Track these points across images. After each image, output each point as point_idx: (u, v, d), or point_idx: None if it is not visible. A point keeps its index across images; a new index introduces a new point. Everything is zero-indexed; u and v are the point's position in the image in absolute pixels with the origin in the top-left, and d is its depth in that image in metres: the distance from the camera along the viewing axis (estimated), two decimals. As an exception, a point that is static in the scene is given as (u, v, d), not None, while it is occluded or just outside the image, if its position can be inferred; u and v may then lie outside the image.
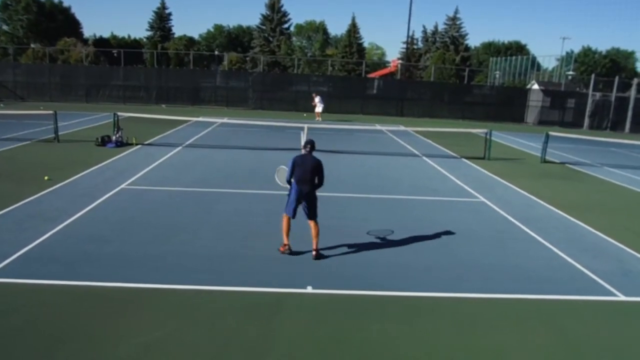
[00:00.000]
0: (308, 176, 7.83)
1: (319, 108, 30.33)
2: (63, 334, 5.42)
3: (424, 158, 18.39)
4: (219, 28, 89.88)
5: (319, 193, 8.08)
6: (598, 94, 38.02)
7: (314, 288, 6.80)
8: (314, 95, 31.59)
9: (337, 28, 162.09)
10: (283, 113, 34.73)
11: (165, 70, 44.32)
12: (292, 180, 7.88)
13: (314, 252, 7.81)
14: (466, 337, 5.79)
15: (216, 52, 70.14)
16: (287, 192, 8.01)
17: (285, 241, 7.87)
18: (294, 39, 79.30)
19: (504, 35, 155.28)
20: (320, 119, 29.84)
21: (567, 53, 60.65)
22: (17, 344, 5.20)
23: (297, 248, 8.22)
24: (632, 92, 36.69)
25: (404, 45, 65.33)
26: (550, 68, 60.61)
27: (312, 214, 7.88)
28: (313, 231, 7.83)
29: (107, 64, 50.65)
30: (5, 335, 5.35)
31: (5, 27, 64.70)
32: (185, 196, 11.32)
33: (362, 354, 5.36)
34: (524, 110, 38.83)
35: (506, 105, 38.43)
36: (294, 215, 7.81)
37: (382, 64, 71.68)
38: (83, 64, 44.75)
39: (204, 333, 5.57)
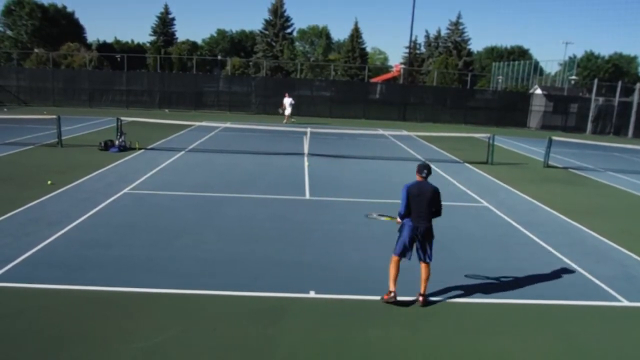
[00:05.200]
0: (425, 209, 6.47)
1: (287, 110, 30.62)
2: (65, 338, 5.43)
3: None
4: (221, 33, 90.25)
5: (319, 198, 8.06)
6: (601, 99, 37.97)
7: (316, 293, 6.79)
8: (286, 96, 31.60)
9: (339, 33, 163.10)
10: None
11: (168, 75, 44.41)
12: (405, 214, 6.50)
13: (421, 298, 6.60)
14: (469, 342, 5.77)
15: (219, 57, 70.43)
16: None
17: (392, 287, 6.49)
18: (296, 43, 79.52)
19: (506, 40, 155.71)
20: (288, 121, 30.19)
21: (570, 58, 60.61)
22: (19, 348, 5.20)
23: (299, 254, 8.21)
24: (635, 97, 36.63)
25: (407, 50, 65.37)
26: (552, 73, 60.55)
27: (426, 255, 6.62)
28: (423, 274, 6.62)
29: (110, 68, 50.86)
30: (7, 340, 5.35)
31: (9, 32, 65.03)
32: (188, 201, 11.33)
33: (365, 359, 5.35)
34: (526, 115, 38.79)
35: (509, 110, 38.40)
36: (408, 256, 6.59)
37: (384, 68, 71.79)
38: (86, 69, 44.91)
39: (206, 338, 5.56)
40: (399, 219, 6.68)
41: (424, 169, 6.67)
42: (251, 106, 37.65)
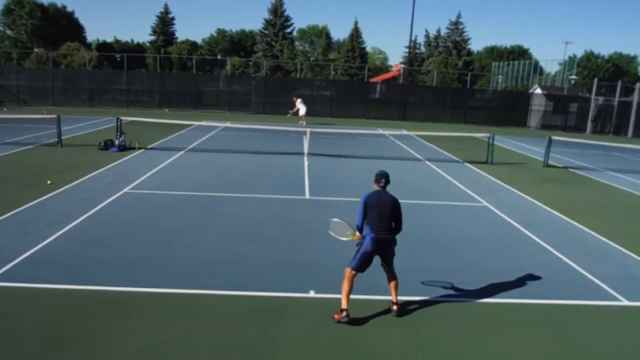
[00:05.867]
0: (386, 220, 6.03)
1: (302, 111, 30.37)
2: (65, 338, 5.43)
3: (427, 162, 18.38)
4: (221, 32, 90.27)
5: (319, 197, 8.06)
6: (601, 99, 37.97)
7: (316, 292, 6.79)
8: (295, 98, 31.46)
9: (339, 32, 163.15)
10: (286, 117, 34.76)
11: (168, 75, 44.42)
12: (365, 226, 6.15)
13: (395, 307, 6.24)
14: (469, 342, 5.77)
15: (219, 57, 70.44)
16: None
17: (344, 305, 5.97)
18: (296, 43, 79.52)
19: (506, 40, 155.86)
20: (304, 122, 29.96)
21: (570, 57, 60.59)
22: (19, 348, 5.20)
23: (299, 254, 8.22)
24: (635, 97, 36.64)
25: (407, 50, 65.40)
26: (552, 72, 60.62)
27: (390, 262, 6.27)
28: (393, 283, 6.29)
29: (110, 68, 50.86)
30: (8, 339, 5.35)
31: (9, 32, 65.03)
32: (188, 200, 11.33)
33: (365, 359, 5.35)
34: (526, 115, 38.80)
35: (509, 110, 38.40)
36: (363, 269, 6.10)
37: (384, 68, 71.79)
38: (86, 68, 44.91)
39: (206, 337, 5.56)
40: (357, 234, 6.22)
41: (382, 177, 6.22)
42: (251, 106, 37.65)
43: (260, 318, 6.05)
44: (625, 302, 7.02)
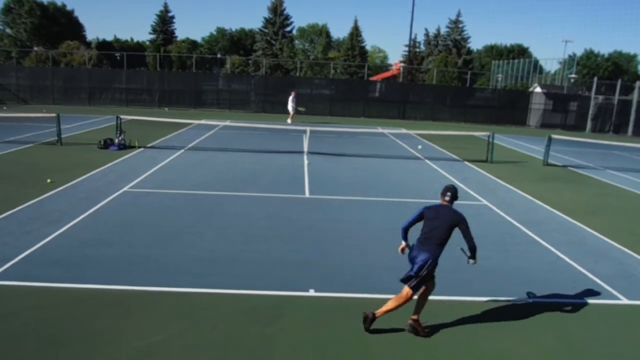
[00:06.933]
0: (436, 236, 5.67)
1: (291, 109, 29.91)
2: (64, 337, 5.42)
3: (426, 161, 18.37)
4: (221, 31, 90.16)
5: (319, 196, 8.05)
6: (600, 97, 37.94)
7: (316, 291, 6.79)
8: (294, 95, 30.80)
9: (339, 31, 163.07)
10: (286, 116, 34.71)
11: (168, 73, 44.40)
12: (407, 234, 5.95)
13: (409, 321, 5.84)
14: (468, 341, 5.77)
15: (219, 55, 70.41)
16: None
17: (380, 313, 5.77)
18: (296, 42, 79.45)
19: (506, 39, 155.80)
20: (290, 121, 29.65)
21: (570, 56, 60.57)
22: (18, 347, 5.20)
23: (299, 253, 8.23)
24: (635, 95, 36.61)
25: (406, 49, 65.39)
26: (552, 71, 60.65)
27: (413, 282, 5.69)
28: (399, 300, 5.75)
29: (109, 67, 50.77)
30: (6, 339, 5.35)
31: (8, 31, 64.96)
32: (187, 199, 11.33)
33: (364, 357, 5.35)
34: (526, 113, 38.76)
35: (508, 108, 38.36)
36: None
37: (384, 67, 71.82)
38: (86, 67, 44.84)
39: (205, 336, 5.56)
40: (403, 243, 6.01)
41: (447, 191, 5.90)
42: (251, 104, 37.60)
43: (260, 317, 6.05)
44: (625, 301, 7.01)
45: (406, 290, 5.72)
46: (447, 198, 5.89)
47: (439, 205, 5.91)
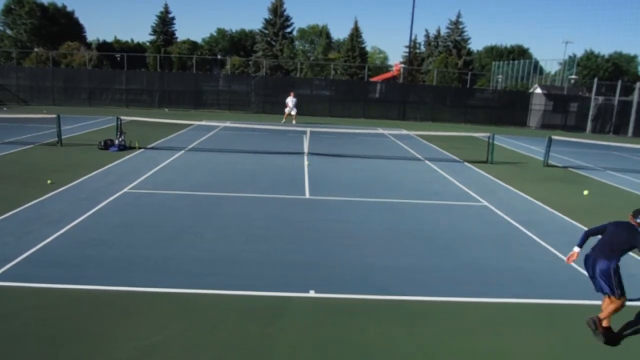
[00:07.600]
0: (607, 248, 6.01)
1: (293, 110, 29.81)
2: (64, 338, 5.43)
3: (426, 162, 18.37)
4: (221, 32, 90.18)
5: (319, 197, 8.05)
6: (601, 98, 37.95)
7: (316, 292, 6.79)
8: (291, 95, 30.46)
9: (339, 32, 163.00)
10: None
11: (168, 74, 44.38)
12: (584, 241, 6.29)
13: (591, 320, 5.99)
14: (468, 341, 5.77)
15: (219, 56, 70.51)
16: None
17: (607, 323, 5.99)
18: (296, 43, 79.46)
19: (506, 39, 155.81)
20: (290, 120, 29.64)
21: (570, 57, 60.54)
22: (18, 348, 5.20)
23: (300, 253, 8.23)
24: (635, 96, 36.61)
25: (407, 49, 65.36)
26: (552, 72, 60.53)
27: (597, 289, 6.15)
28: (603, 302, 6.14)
29: (110, 67, 50.83)
30: (6, 339, 5.35)
31: (8, 31, 65.00)
32: (188, 200, 11.33)
33: (364, 358, 5.35)
34: (526, 114, 38.78)
35: (508, 109, 38.39)
36: (596, 289, 6.18)
37: (384, 67, 71.82)
38: (86, 68, 44.89)
39: (205, 337, 5.56)
40: (575, 249, 6.33)
41: (639, 214, 6.09)
42: (251, 105, 37.61)
43: (260, 317, 6.05)
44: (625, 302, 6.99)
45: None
46: (638, 220, 6.09)
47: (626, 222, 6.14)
